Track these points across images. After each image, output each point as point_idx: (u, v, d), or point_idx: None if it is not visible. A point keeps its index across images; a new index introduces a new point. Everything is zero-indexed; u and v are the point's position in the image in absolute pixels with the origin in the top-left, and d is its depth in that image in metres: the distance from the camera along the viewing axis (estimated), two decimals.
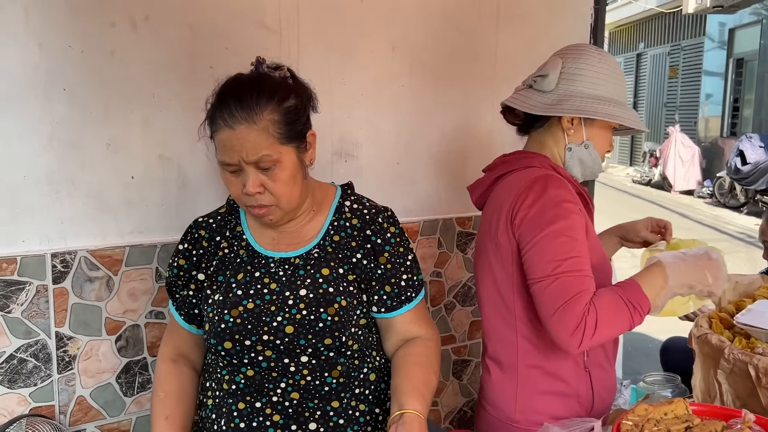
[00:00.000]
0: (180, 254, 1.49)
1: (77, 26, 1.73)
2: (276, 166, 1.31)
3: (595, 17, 2.72)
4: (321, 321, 1.36)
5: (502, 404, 1.58)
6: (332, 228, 1.45)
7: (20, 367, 1.76)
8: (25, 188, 1.72)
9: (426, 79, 2.31)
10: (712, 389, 1.54)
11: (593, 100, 1.52)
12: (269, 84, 1.35)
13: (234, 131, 1.29)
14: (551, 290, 1.37)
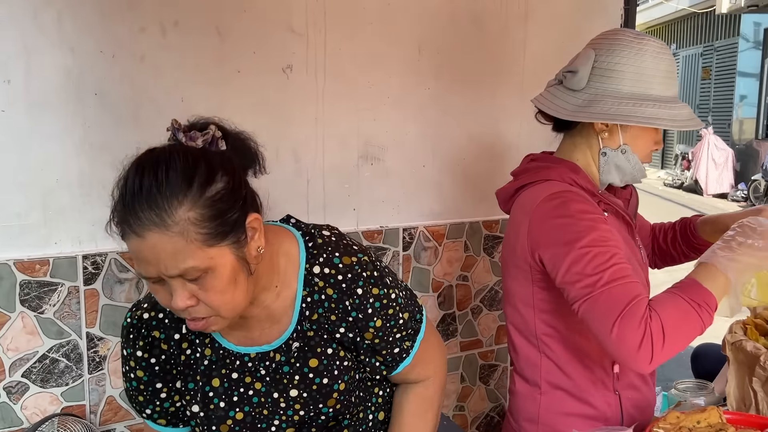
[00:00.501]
0: (136, 364, 1.18)
1: (108, 31, 1.76)
2: (207, 275, 0.99)
3: (625, 18, 2.68)
4: (323, 414, 1.20)
5: (525, 420, 1.51)
6: (305, 306, 1.15)
7: (52, 366, 1.79)
8: (57, 191, 1.76)
9: (453, 81, 2.29)
10: (747, 398, 1.50)
11: (629, 101, 1.35)
12: (184, 165, 0.99)
13: (144, 240, 0.96)
14: (599, 307, 1.23)
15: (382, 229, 2.22)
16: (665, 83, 1.38)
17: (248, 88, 1.96)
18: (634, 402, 1.49)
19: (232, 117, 1.94)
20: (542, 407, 1.48)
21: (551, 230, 1.34)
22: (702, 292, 1.24)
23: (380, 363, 1.22)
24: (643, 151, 1.44)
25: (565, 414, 1.46)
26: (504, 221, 2.47)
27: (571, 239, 1.29)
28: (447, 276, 2.37)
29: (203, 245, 0.98)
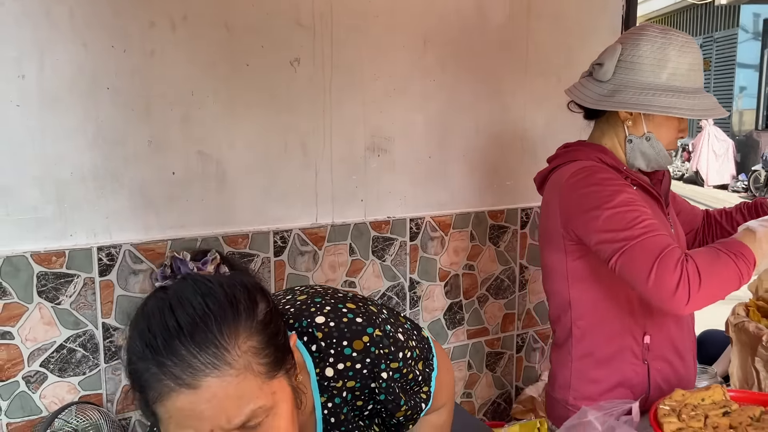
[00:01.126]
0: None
1: (119, 27, 1.79)
2: (268, 417, 0.84)
3: (626, 11, 2.71)
4: None
5: (559, 386, 1.60)
6: (327, 413, 1.04)
7: (69, 356, 1.83)
8: (72, 184, 1.79)
9: (458, 73, 2.33)
10: (749, 377, 1.54)
11: (651, 91, 1.42)
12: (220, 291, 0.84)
13: (199, 392, 0.79)
14: (635, 257, 1.28)
15: (389, 220, 2.26)
16: (688, 75, 1.44)
17: (257, 81, 2.00)
18: (665, 375, 1.53)
19: (241, 110, 2.00)
20: (573, 374, 1.55)
21: (580, 199, 1.41)
22: (738, 245, 1.29)
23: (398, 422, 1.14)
24: (667, 138, 1.50)
25: (592, 380, 1.53)
26: (509, 211, 2.51)
27: (600, 203, 1.36)
28: (453, 265, 2.41)
29: (267, 378, 0.83)
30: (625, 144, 1.51)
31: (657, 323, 1.50)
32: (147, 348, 0.79)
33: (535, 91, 2.51)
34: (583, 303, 1.52)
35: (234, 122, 1.98)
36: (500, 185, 2.48)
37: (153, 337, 0.79)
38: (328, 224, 2.15)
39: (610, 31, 2.67)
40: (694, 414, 1.25)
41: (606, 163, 1.48)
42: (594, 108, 1.50)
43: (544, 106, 2.53)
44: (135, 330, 0.82)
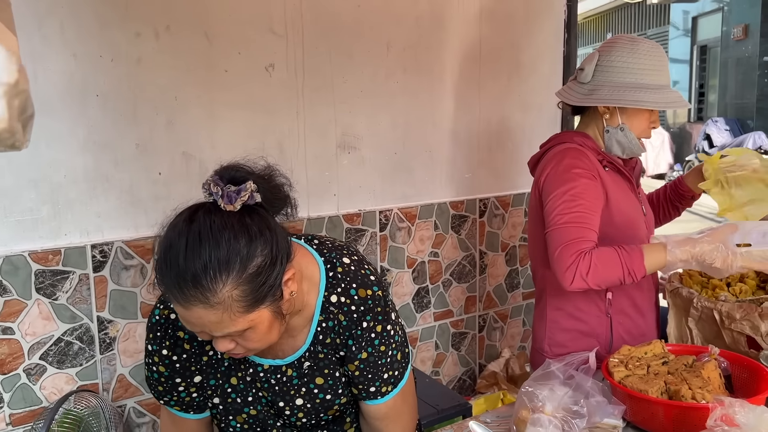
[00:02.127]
0: (159, 360, 1.23)
1: (107, 37, 1.91)
2: (246, 331, 1.07)
3: (568, 13, 2.95)
4: (323, 421, 1.31)
5: (537, 337, 1.87)
6: (320, 330, 1.23)
7: (67, 349, 1.94)
8: (65, 186, 1.90)
9: (419, 76, 2.52)
10: (684, 335, 1.77)
11: (623, 88, 1.68)
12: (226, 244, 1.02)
13: (189, 311, 1.02)
14: (554, 236, 1.61)
15: (360, 212, 2.43)
16: (654, 74, 1.71)
17: (235, 86, 2.14)
18: (626, 328, 1.81)
19: (222, 113, 2.13)
20: (548, 325, 1.83)
21: (550, 178, 1.71)
22: (639, 264, 1.58)
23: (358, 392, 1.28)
24: (639, 128, 1.76)
25: (564, 329, 1.81)
26: (469, 201, 2.72)
27: (557, 184, 1.66)
28: (420, 253, 2.60)
29: (244, 312, 1.04)
30: (604, 134, 1.78)
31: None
32: (163, 261, 1.03)
33: (489, 90, 2.73)
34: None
35: (215, 124, 2.12)
36: (460, 178, 2.69)
37: (167, 256, 1.02)
38: (305, 218, 2.31)
39: (555, 34, 2.92)
40: (638, 364, 1.47)
41: (587, 145, 1.75)
42: (578, 105, 1.77)
43: (497, 103, 2.75)
44: (161, 246, 1.05)
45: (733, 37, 11.47)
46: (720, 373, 1.42)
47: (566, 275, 1.56)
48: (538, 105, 2.88)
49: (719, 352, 1.48)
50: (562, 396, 1.28)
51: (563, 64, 2.95)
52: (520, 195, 2.87)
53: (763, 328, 1.57)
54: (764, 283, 1.80)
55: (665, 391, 1.36)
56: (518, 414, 1.31)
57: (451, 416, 2.11)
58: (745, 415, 1.12)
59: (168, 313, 1.21)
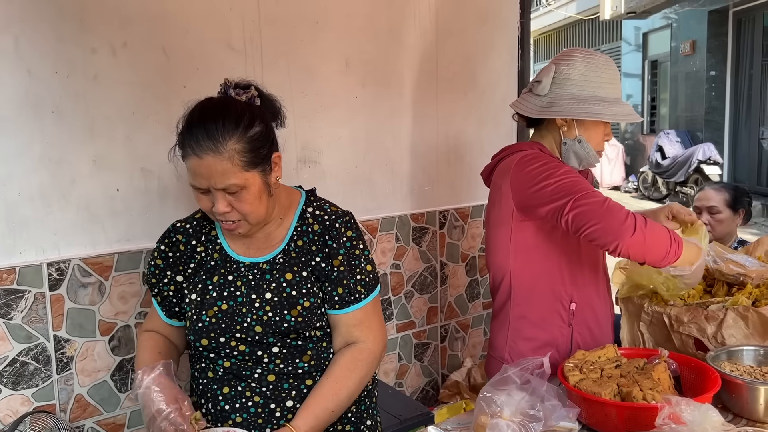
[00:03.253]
0: (158, 254, 1.56)
1: (62, 53, 1.90)
2: (242, 191, 1.37)
3: (521, 30, 3.04)
4: (285, 322, 1.46)
5: (497, 346, 1.88)
6: (296, 234, 1.52)
7: (22, 369, 1.90)
8: (20, 204, 1.87)
9: (377, 90, 2.56)
10: (636, 339, 1.84)
11: (581, 101, 1.71)
12: (234, 112, 1.39)
13: (201, 160, 1.34)
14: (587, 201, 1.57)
15: None
16: (609, 87, 1.75)
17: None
18: (585, 338, 1.83)
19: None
20: (510, 334, 1.83)
21: (528, 175, 1.69)
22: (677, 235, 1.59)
23: (337, 296, 1.49)
24: (595, 141, 1.80)
25: (525, 338, 1.82)
26: (429, 213, 2.76)
27: (546, 176, 1.65)
28: (381, 265, 2.63)
29: (242, 169, 1.36)
30: (561, 146, 1.80)
31: (582, 293, 1.82)
32: (186, 127, 1.40)
33: (446, 103, 2.78)
34: (522, 273, 1.80)
35: (173, 140, 2.09)
36: (419, 190, 2.73)
37: (190, 124, 1.40)
38: None
39: (509, 49, 3.00)
40: (592, 368, 1.52)
41: (546, 153, 1.78)
42: (536, 117, 1.79)
43: (454, 117, 2.81)
44: (186, 115, 1.43)
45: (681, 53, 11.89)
46: (670, 375, 1.48)
47: (626, 227, 1.51)
48: (494, 119, 2.95)
49: (669, 355, 1.54)
50: (519, 400, 1.31)
51: (518, 79, 3.03)
52: (479, 206, 2.93)
53: (710, 331, 1.64)
54: (710, 288, 1.88)
55: (618, 393, 1.41)
56: (477, 420, 1.34)
57: (414, 426, 2.13)
58: (691, 413, 1.17)
59: (176, 223, 1.60)
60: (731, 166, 10.94)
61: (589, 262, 1.84)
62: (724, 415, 1.32)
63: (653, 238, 1.55)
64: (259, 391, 1.49)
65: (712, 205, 2.75)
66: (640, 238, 1.53)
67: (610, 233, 1.54)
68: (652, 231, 1.55)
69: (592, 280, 1.85)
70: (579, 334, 1.83)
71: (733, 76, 10.82)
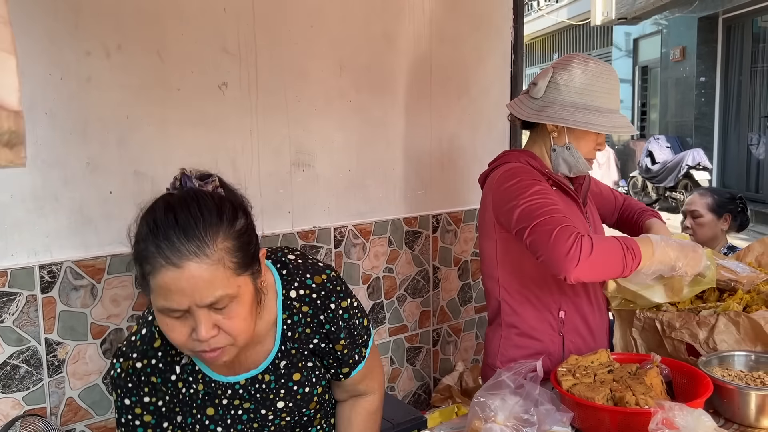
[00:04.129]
0: (143, 410, 1.21)
1: (56, 55, 1.89)
2: (232, 303, 1.07)
3: (514, 35, 3.06)
4: (305, 416, 1.34)
5: (490, 354, 1.87)
6: (287, 328, 1.27)
7: (13, 372, 1.88)
8: (12, 206, 1.86)
9: (371, 94, 2.56)
10: (629, 345, 1.85)
11: (573, 109, 1.68)
12: (212, 203, 1.08)
13: (181, 271, 1.01)
14: (539, 230, 1.54)
15: (315, 229, 2.45)
16: (605, 97, 1.72)
17: (188, 104, 2.14)
18: (577, 346, 1.81)
19: (174, 131, 2.13)
20: (502, 342, 1.82)
21: (503, 193, 1.68)
22: (633, 242, 1.56)
23: (343, 374, 1.35)
24: (585, 149, 1.77)
25: (517, 346, 1.81)
26: (422, 217, 2.77)
27: (517, 195, 1.63)
28: (374, 269, 2.63)
29: (234, 273, 1.06)
30: (551, 152, 1.79)
31: (570, 301, 1.80)
32: (150, 233, 1.04)
33: (439, 109, 2.79)
34: (510, 282, 1.79)
35: (167, 143, 2.11)
36: (412, 195, 2.74)
37: (156, 226, 1.04)
38: (259, 235, 2.30)
39: (501, 53, 3.01)
40: (585, 373, 1.52)
41: (532, 165, 1.75)
42: (526, 120, 1.78)
43: (448, 122, 2.82)
44: (144, 219, 1.07)
45: (671, 59, 11.98)
46: (662, 380, 1.49)
47: (569, 259, 1.47)
48: (487, 123, 2.96)
49: (661, 360, 1.55)
50: (512, 405, 1.32)
51: (511, 84, 3.04)
52: (471, 211, 2.94)
53: (701, 336, 1.65)
54: (701, 293, 1.89)
55: (611, 398, 1.41)
56: (471, 424, 1.34)
57: (407, 430, 2.13)
58: (683, 418, 1.18)
59: (132, 363, 1.20)
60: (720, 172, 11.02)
61: None
62: (715, 419, 1.33)
63: (603, 259, 1.51)
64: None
65: (694, 209, 2.78)
66: (586, 265, 1.49)
67: (556, 265, 1.52)
68: (600, 253, 1.51)
69: (581, 288, 1.83)
70: (571, 342, 1.82)
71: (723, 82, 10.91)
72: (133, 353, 1.21)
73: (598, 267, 1.51)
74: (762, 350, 1.58)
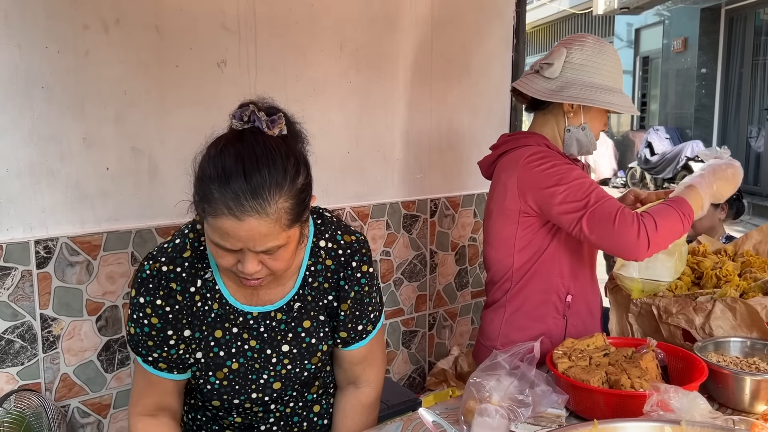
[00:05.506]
0: (153, 311, 1.25)
1: (53, 28, 1.87)
2: (280, 249, 1.15)
3: (516, 20, 3.03)
4: (306, 371, 1.35)
5: (490, 336, 1.88)
6: (309, 274, 1.32)
7: (8, 347, 1.88)
8: (8, 180, 1.85)
9: (370, 76, 2.54)
10: (625, 330, 1.85)
11: (592, 88, 1.71)
12: (280, 159, 1.11)
13: (241, 223, 1.08)
14: (596, 218, 1.57)
15: None
16: (617, 77, 1.77)
17: (186, 81, 2.12)
18: (578, 329, 1.84)
19: (172, 108, 2.11)
20: (504, 324, 1.84)
21: (538, 176, 1.67)
22: (682, 202, 1.61)
23: (341, 340, 1.37)
24: (596, 129, 1.82)
25: (519, 328, 1.83)
26: (420, 201, 2.76)
27: (557, 180, 1.63)
28: (372, 252, 2.61)
29: (287, 228, 1.13)
30: (564, 133, 1.80)
31: (579, 286, 1.83)
32: (217, 179, 1.09)
33: (439, 92, 2.77)
34: (523, 267, 1.80)
35: (165, 120, 2.09)
36: (411, 178, 2.73)
37: (224, 174, 1.08)
38: None
39: (503, 38, 2.99)
40: (581, 356, 1.52)
41: (549, 147, 1.77)
42: (547, 100, 1.75)
43: (448, 106, 2.80)
44: (212, 158, 1.11)
45: (673, 50, 11.93)
46: (657, 364, 1.49)
47: (640, 243, 1.52)
48: (487, 108, 2.94)
49: (657, 344, 1.55)
50: (508, 386, 1.31)
51: (512, 69, 3.02)
52: (470, 196, 2.93)
53: (698, 322, 1.65)
54: (699, 280, 1.89)
55: (606, 381, 1.41)
56: (466, 404, 1.34)
57: (402, 411, 2.14)
58: (679, 400, 1.18)
59: (159, 266, 1.25)
60: None
61: (589, 257, 1.87)
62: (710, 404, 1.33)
63: (667, 232, 1.57)
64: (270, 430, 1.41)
65: None
66: (655, 243, 1.55)
67: (627, 251, 1.57)
68: (664, 226, 1.56)
69: (588, 274, 1.88)
70: (573, 326, 1.84)
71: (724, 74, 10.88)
72: (162, 257, 1.27)
73: (664, 240, 1.58)
74: (758, 336, 1.58)
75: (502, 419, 1.27)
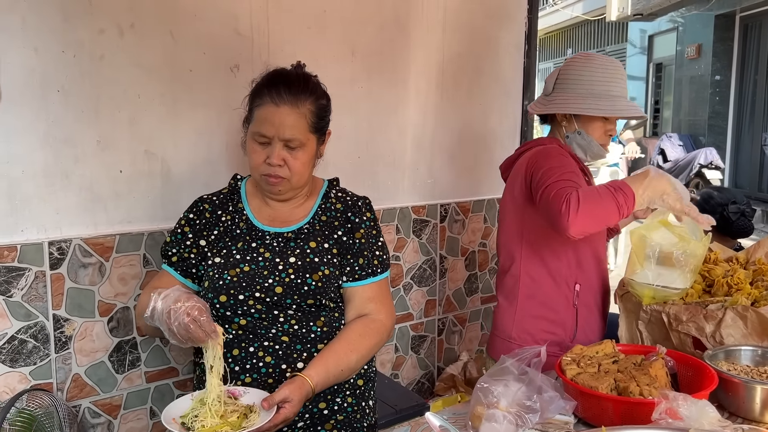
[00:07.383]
0: (186, 222, 1.68)
1: (70, 32, 1.89)
2: (300, 148, 1.57)
3: (528, 26, 3.04)
4: (306, 285, 1.58)
5: (504, 326, 2.00)
6: (320, 210, 1.69)
7: (21, 347, 1.90)
8: (23, 182, 1.87)
9: (382, 81, 2.55)
10: (635, 337, 1.84)
11: (578, 97, 1.89)
12: (312, 82, 1.63)
13: (278, 108, 1.53)
14: (546, 194, 1.70)
15: None
16: (605, 84, 1.89)
17: (199, 85, 2.14)
18: (587, 319, 1.98)
19: (185, 112, 2.14)
20: (518, 312, 1.96)
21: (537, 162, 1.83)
22: (620, 182, 1.65)
23: (358, 266, 1.65)
24: (596, 134, 1.94)
25: (534, 316, 1.95)
26: (430, 206, 2.77)
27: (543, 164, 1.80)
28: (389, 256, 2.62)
29: (308, 129, 1.58)
30: (565, 140, 1.97)
31: (585, 276, 1.95)
32: (267, 79, 1.62)
33: (450, 97, 2.78)
34: (531, 255, 1.94)
35: (178, 123, 2.11)
36: (422, 183, 2.73)
37: (272, 77, 1.62)
38: None
39: (515, 44, 2.99)
40: (590, 362, 1.52)
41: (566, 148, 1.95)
42: (537, 113, 2.05)
43: (459, 111, 2.81)
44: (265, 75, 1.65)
45: (686, 56, 11.88)
46: (666, 372, 1.48)
47: (561, 216, 1.59)
48: (498, 113, 2.94)
49: (666, 352, 1.54)
50: (515, 391, 1.32)
51: (523, 75, 3.02)
52: (480, 201, 2.93)
53: (708, 330, 1.64)
54: (710, 288, 1.88)
55: (615, 388, 1.41)
56: (474, 410, 1.34)
57: (410, 416, 2.14)
58: (687, 408, 1.18)
59: (203, 197, 1.73)
60: (733, 172, 10.94)
61: (593, 246, 1.97)
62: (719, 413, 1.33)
63: (593, 206, 1.59)
64: (271, 351, 1.57)
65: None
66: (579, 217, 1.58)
67: (555, 225, 1.64)
68: (589, 201, 1.59)
69: (594, 263, 1.99)
70: (582, 316, 1.95)
71: (738, 81, 10.81)
72: (207, 194, 1.75)
73: (591, 215, 1.60)
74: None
75: (509, 425, 1.27)
